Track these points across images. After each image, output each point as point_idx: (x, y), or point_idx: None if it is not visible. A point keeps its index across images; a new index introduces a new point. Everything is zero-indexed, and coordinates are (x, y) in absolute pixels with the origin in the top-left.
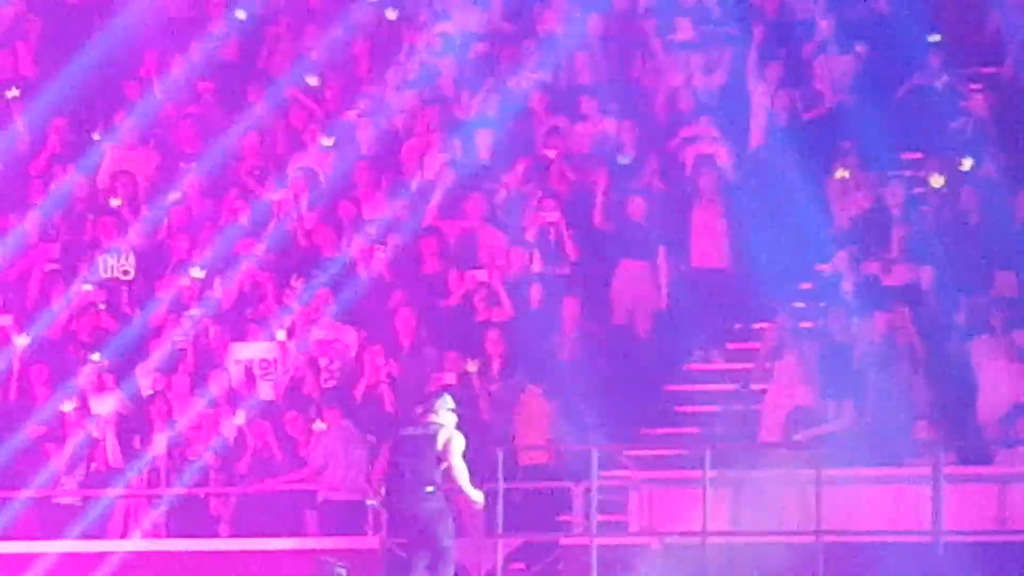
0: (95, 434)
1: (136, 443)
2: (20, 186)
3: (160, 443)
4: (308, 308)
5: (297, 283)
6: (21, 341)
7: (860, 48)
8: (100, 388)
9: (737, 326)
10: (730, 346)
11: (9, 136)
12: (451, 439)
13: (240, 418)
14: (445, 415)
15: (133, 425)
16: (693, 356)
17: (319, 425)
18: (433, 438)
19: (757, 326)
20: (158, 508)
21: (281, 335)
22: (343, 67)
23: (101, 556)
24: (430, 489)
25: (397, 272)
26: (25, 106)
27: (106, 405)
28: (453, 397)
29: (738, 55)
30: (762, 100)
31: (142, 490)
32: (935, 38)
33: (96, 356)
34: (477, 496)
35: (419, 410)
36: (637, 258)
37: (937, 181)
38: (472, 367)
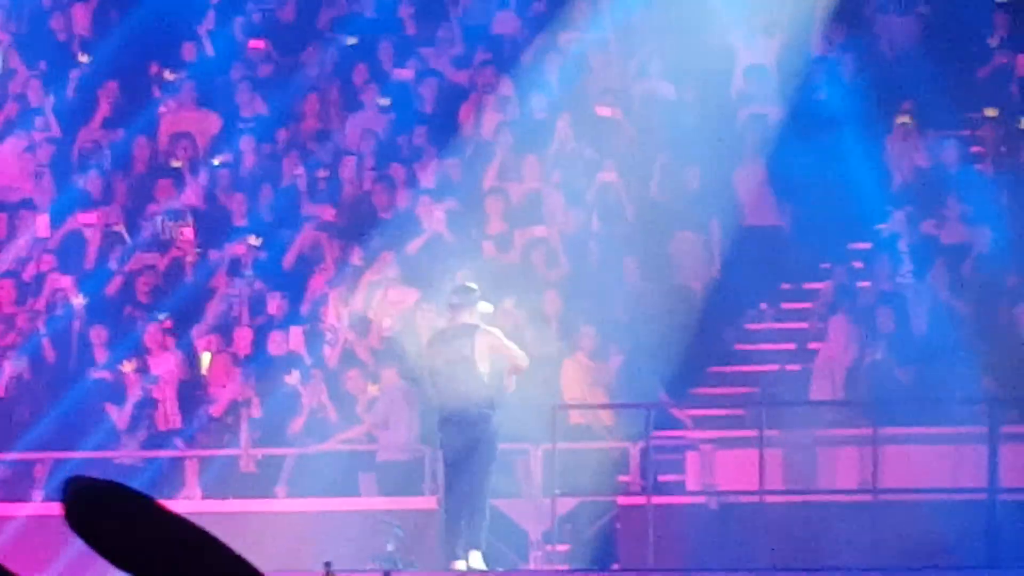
0: (155, 395)
1: (194, 403)
2: (77, 147)
3: (217, 404)
4: (370, 270)
5: (358, 245)
6: (79, 300)
7: (923, 8)
8: (160, 348)
9: (788, 286)
10: (784, 305)
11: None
12: (489, 336)
13: (295, 378)
14: (478, 314)
15: (191, 385)
16: (747, 315)
17: (372, 388)
18: (469, 339)
19: (810, 285)
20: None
21: (340, 297)
22: (395, 27)
23: None
24: (476, 402)
25: (457, 232)
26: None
27: (166, 365)
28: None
29: (798, 14)
30: (821, 59)
31: (198, 450)
32: None
33: (161, 316)
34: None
35: (454, 299)
36: (692, 228)
37: (991, 112)
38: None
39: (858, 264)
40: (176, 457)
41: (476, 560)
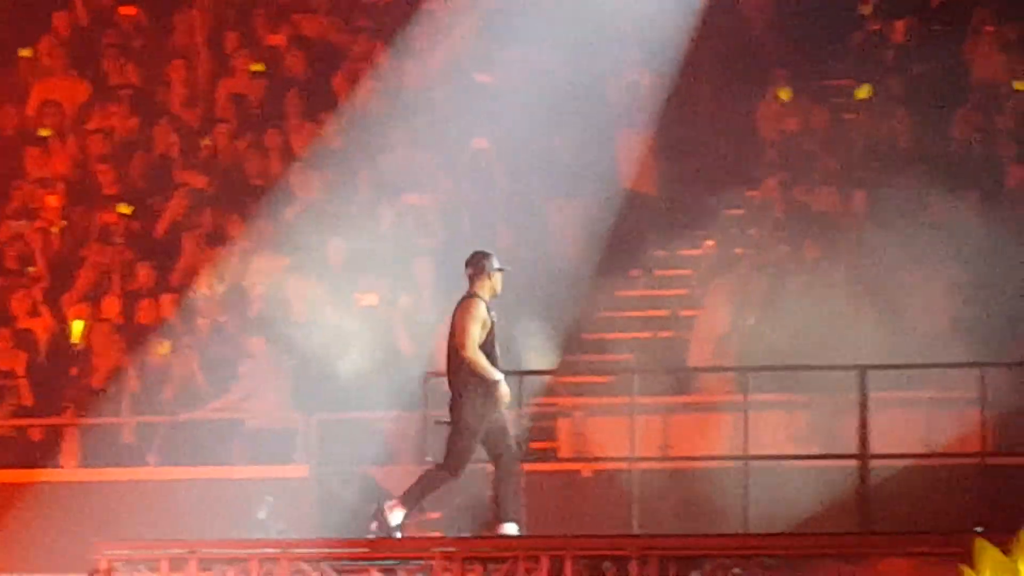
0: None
1: (67, 372)
2: None
3: (93, 371)
4: (242, 238)
5: (230, 213)
6: None
7: None
8: (32, 315)
9: (661, 252)
10: (656, 272)
11: None
12: (458, 308)
13: (165, 348)
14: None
15: (62, 354)
16: (620, 282)
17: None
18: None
19: (683, 252)
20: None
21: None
22: None
23: (25, 485)
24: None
25: (331, 200)
26: None
27: (38, 332)
28: None
29: None
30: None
31: (71, 419)
32: None
33: (28, 284)
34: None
35: (468, 270)
36: (565, 195)
37: (863, 92)
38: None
39: (733, 231)
40: (53, 426)
41: None
